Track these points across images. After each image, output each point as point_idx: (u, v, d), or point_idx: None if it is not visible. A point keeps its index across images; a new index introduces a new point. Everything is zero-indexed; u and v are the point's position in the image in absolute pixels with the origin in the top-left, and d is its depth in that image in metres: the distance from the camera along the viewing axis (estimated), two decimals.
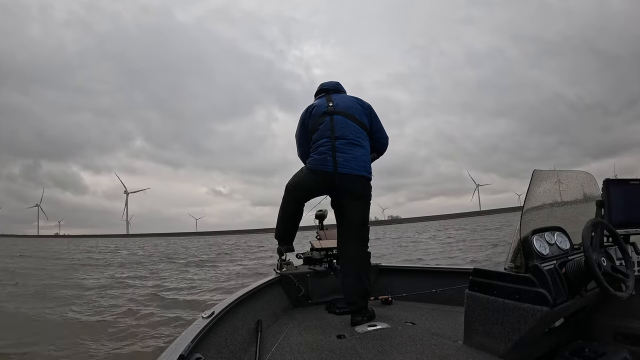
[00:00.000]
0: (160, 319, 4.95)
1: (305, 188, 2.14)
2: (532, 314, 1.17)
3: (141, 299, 6.38)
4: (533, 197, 1.35)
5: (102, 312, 5.41)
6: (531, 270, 1.21)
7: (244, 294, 1.90)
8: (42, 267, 12.70)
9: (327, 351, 1.56)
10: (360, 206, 2.09)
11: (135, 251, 24.97)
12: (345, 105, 2.15)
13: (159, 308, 5.65)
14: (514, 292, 1.23)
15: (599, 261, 1.17)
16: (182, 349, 1.08)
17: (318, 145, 2.07)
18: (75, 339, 4.09)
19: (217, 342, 1.42)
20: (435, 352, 1.45)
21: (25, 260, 16.34)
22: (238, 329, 1.65)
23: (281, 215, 2.29)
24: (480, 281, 1.35)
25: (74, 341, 4.04)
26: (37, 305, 5.79)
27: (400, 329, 1.79)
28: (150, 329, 4.51)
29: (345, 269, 2.09)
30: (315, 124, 2.14)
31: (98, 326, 4.68)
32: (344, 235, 2.15)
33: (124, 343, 4.01)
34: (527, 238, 1.28)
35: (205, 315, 1.43)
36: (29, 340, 4.02)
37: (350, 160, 2.01)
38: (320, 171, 2.03)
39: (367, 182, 2.10)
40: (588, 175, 1.53)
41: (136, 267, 12.90)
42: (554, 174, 1.45)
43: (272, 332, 1.85)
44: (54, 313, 5.30)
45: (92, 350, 3.80)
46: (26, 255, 19.81)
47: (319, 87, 2.36)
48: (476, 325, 1.35)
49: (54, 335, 4.21)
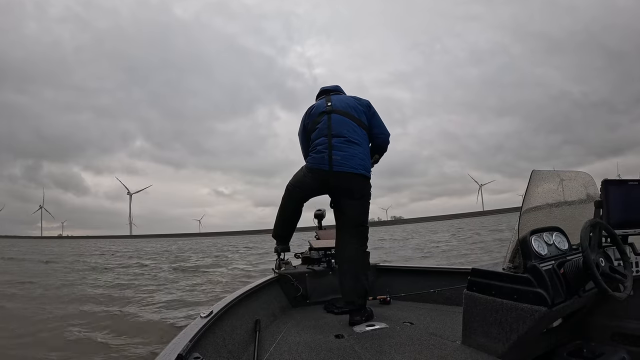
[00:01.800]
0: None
1: (304, 187, 2.14)
2: (531, 314, 1.17)
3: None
4: (532, 197, 1.35)
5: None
6: (529, 270, 1.21)
7: (243, 294, 1.89)
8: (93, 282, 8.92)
9: (325, 351, 1.56)
10: (359, 206, 2.08)
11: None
12: (342, 104, 2.15)
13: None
14: (512, 292, 1.23)
15: (597, 262, 1.17)
16: (180, 348, 1.07)
17: (316, 144, 2.07)
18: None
19: (215, 341, 1.42)
20: (433, 352, 1.45)
21: (64, 271, 11.77)
22: (236, 329, 1.65)
23: (280, 215, 2.30)
24: (478, 281, 1.35)
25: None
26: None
27: (399, 329, 1.79)
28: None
29: (344, 268, 2.09)
30: (313, 123, 2.14)
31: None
32: (342, 235, 2.14)
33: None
34: (526, 238, 1.27)
35: (204, 314, 1.43)
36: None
37: (347, 158, 2.00)
38: (317, 170, 2.03)
39: (366, 181, 2.08)
40: (587, 175, 1.53)
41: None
42: (552, 174, 1.45)
43: (271, 332, 1.85)
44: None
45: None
46: (54, 262, 15.80)
47: (319, 90, 2.38)
48: (474, 326, 1.35)
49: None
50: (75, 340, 4.13)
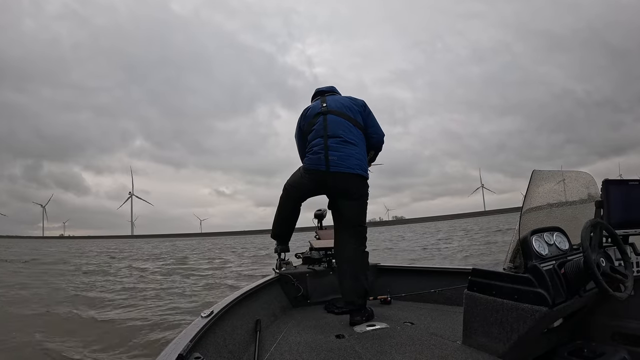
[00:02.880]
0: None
1: (302, 188, 2.15)
2: (531, 314, 1.17)
3: None
4: (532, 197, 1.35)
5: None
6: (530, 270, 1.21)
7: (243, 294, 1.90)
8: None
9: (325, 351, 1.56)
10: (357, 206, 2.09)
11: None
12: (338, 104, 2.16)
13: None
14: (513, 292, 1.23)
15: (598, 262, 1.17)
16: (181, 348, 1.07)
17: (312, 145, 2.07)
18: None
19: (216, 341, 1.42)
20: (434, 352, 1.45)
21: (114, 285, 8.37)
22: (237, 329, 1.65)
23: (278, 215, 2.31)
24: (479, 281, 1.35)
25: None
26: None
27: (399, 329, 1.79)
28: None
29: (343, 268, 2.09)
30: (309, 125, 2.14)
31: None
32: (341, 235, 2.14)
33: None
34: (526, 238, 1.27)
35: (205, 314, 1.43)
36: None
37: (343, 158, 2.00)
38: (314, 170, 2.03)
39: (363, 181, 2.08)
40: (587, 175, 1.53)
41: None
42: (553, 174, 1.45)
43: (271, 332, 1.85)
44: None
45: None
46: (91, 273, 11.09)
47: (314, 91, 2.38)
48: (475, 326, 1.35)
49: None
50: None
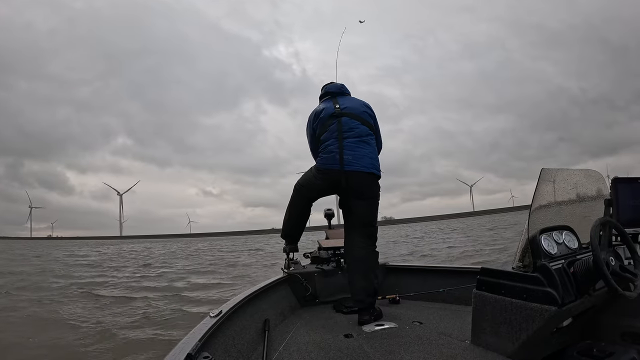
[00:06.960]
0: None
1: (314, 187, 2.17)
2: (540, 314, 1.17)
3: None
4: (541, 195, 1.34)
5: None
6: (539, 269, 1.21)
7: (252, 293, 1.91)
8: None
9: (334, 350, 1.57)
10: (369, 205, 2.11)
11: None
12: (352, 107, 2.19)
13: None
14: (522, 292, 1.23)
15: (607, 260, 1.16)
16: (189, 347, 1.09)
17: (326, 145, 2.10)
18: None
19: (224, 341, 1.44)
20: (442, 351, 1.45)
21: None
22: (246, 328, 1.67)
23: (288, 215, 2.32)
24: (487, 280, 1.35)
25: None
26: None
27: (408, 329, 1.80)
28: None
29: (352, 268, 2.10)
30: (323, 126, 2.16)
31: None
32: (351, 234, 2.16)
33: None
34: (535, 237, 1.27)
35: (213, 314, 1.45)
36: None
37: (358, 157, 2.05)
38: (328, 170, 2.06)
39: (376, 180, 2.12)
40: (596, 173, 1.52)
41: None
42: (561, 172, 1.44)
43: (280, 331, 1.87)
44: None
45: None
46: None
47: (323, 90, 2.38)
48: (484, 325, 1.35)
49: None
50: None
